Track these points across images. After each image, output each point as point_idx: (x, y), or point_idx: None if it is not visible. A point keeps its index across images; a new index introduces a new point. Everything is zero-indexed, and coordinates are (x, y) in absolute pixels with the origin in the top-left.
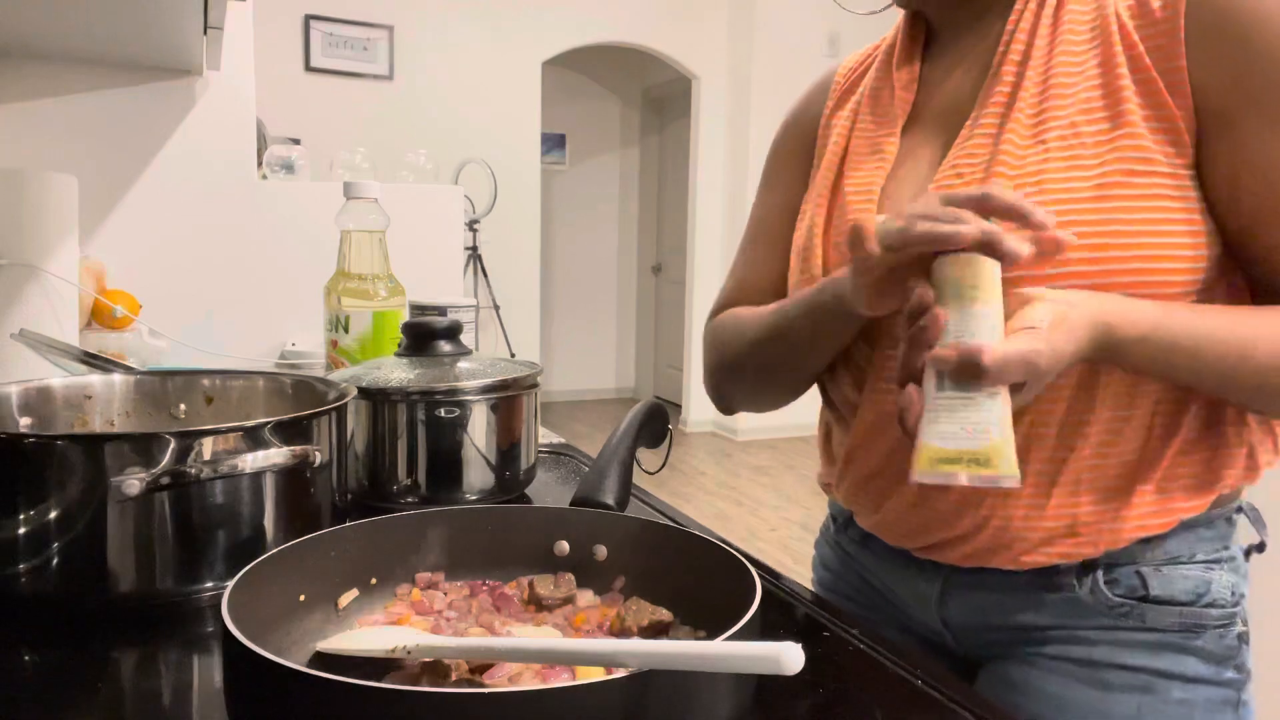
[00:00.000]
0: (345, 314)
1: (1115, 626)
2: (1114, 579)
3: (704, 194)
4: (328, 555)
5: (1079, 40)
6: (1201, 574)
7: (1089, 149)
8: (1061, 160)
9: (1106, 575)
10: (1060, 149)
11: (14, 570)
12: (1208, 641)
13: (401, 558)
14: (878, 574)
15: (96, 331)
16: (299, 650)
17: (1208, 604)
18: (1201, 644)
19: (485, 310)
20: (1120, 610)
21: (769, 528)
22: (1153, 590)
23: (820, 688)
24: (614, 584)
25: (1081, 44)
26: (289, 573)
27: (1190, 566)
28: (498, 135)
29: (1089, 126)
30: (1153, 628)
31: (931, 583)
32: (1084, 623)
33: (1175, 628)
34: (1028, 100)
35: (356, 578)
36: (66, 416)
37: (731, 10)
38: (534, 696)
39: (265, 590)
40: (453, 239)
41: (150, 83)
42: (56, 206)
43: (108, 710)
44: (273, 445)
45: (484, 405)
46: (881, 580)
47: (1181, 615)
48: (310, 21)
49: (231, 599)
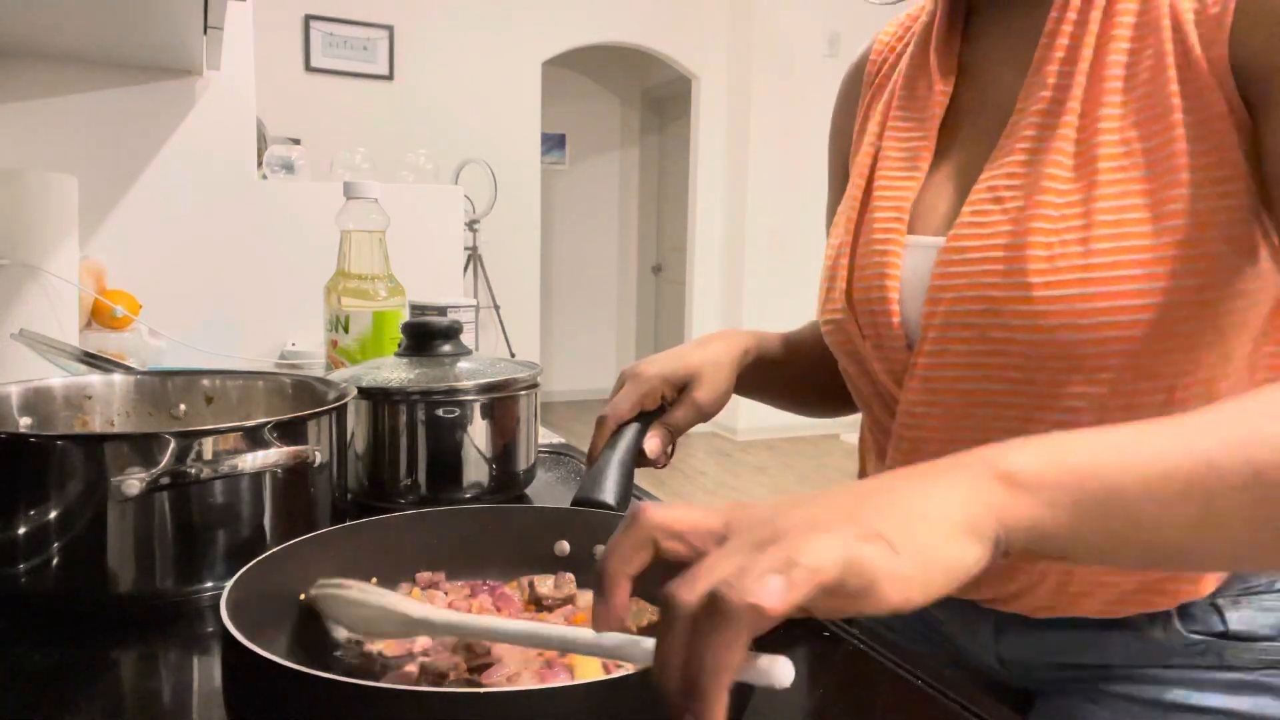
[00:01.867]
0: (345, 314)
1: (1190, 665)
2: (1189, 615)
3: (704, 194)
4: (329, 554)
5: (1127, 37)
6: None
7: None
8: (1112, 186)
9: (1181, 610)
10: (1110, 170)
11: (14, 570)
12: None
13: (402, 557)
14: (930, 607)
15: (96, 331)
16: (299, 649)
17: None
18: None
19: (485, 310)
20: (1196, 649)
21: None
22: (1231, 625)
23: (820, 688)
24: None
25: (1130, 41)
26: (290, 571)
27: (1270, 596)
28: (498, 135)
29: (1140, 144)
30: (1231, 665)
31: (987, 619)
32: (1157, 661)
33: (1256, 665)
34: (1073, 109)
35: (357, 576)
36: (66, 416)
37: (731, 10)
38: (532, 696)
39: (266, 588)
40: (453, 239)
41: (150, 83)
42: (56, 206)
43: (108, 710)
44: (273, 445)
45: (484, 405)
46: (932, 612)
47: (1264, 651)
48: (310, 21)
49: (230, 597)
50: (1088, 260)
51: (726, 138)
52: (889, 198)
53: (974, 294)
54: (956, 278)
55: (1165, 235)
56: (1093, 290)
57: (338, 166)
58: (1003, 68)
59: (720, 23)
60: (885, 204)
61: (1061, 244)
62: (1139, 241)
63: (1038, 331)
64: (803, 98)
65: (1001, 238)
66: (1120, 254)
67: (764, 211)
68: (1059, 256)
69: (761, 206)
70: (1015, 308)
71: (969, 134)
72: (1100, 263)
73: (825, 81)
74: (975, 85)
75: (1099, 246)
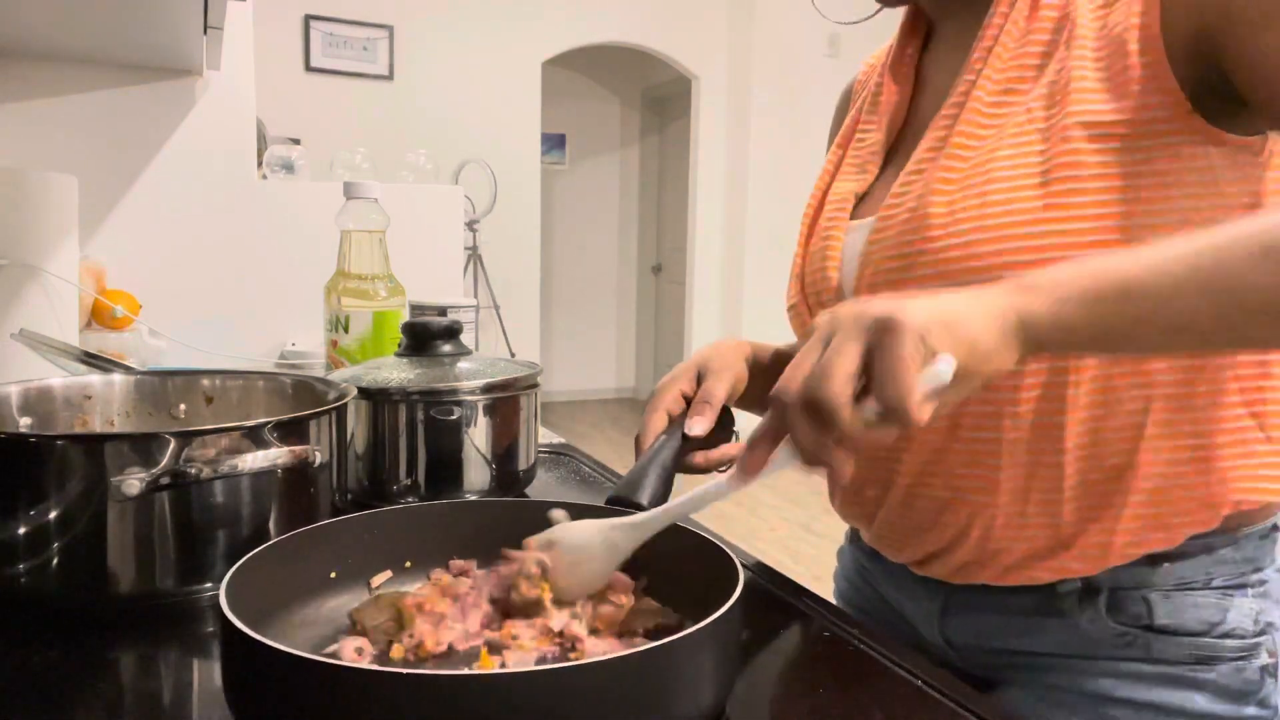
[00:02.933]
0: (345, 314)
1: (1120, 657)
2: (1118, 605)
3: (704, 194)
4: (363, 536)
5: (1049, 24)
6: (1217, 601)
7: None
8: (1010, 149)
9: (1110, 600)
10: (1015, 134)
11: (14, 570)
12: (1222, 675)
13: (437, 544)
14: (888, 588)
15: (96, 331)
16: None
17: (1223, 634)
18: (1214, 678)
19: (485, 310)
20: (1124, 640)
21: (769, 527)
22: (1158, 619)
23: (820, 688)
24: (637, 583)
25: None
26: (321, 549)
27: (1205, 593)
28: (498, 135)
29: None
30: (1159, 659)
31: (934, 600)
32: (1087, 652)
33: (1186, 660)
34: (988, 87)
35: (392, 559)
36: (66, 416)
37: (731, 10)
38: (539, 677)
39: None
40: (453, 239)
41: (150, 83)
42: (56, 206)
43: (108, 710)
44: (272, 445)
45: (484, 405)
46: (892, 595)
47: (1193, 646)
48: (310, 21)
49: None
50: (983, 210)
51: (726, 138)
52: (840, 193)
53: (892, 254)
54: (879, 245)
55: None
56: (989, 235)
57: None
58: (950, 74)
59: (720, 23)
60: (836, 198)
61: (963, 197)
62: (1030, 193)
63: (944, 279)
64: (803, 98)
65: (913, 200)
66: (1014, 204)
67: (764, 212)
68: (959, 210)
69: (761, 206)
70: (924, 259)
71: (916, 131)
72: (995, 212)
73: (825, 81)
74: (929, 91)
75: (994, 199)
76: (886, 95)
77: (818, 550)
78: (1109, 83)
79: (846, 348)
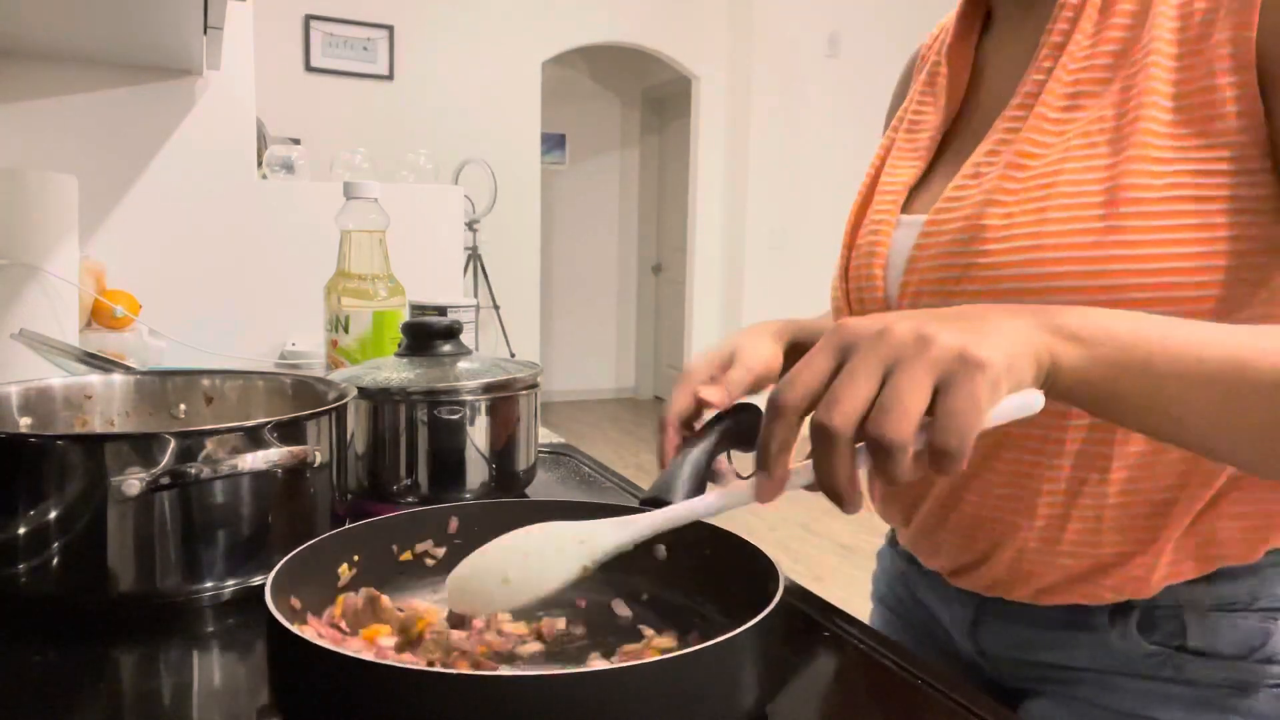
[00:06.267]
0: (345, 314)
1: (1152, 676)
2: (1151, 623)
3: (704, 194)
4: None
5: (1125, 20)
6: (1258, 624)
7: (1107, 148)
8: (1079, 160)
9: (1143, 618)
10: (1082, 146)
11: (14, 570)
12: (1261, 702)
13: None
14: (924, 593)
15: (96, 331)
16: None
17: (1264, 659)
18: (1252, 704)
19: (485, 310)
20: (1156, 659)
21: (768, 527)
22: (1191, 640)
23: (822, 688)
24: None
25: (1126, 24)
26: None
27: (1246, 615)
28: (498, 135)
29: (1113, 122)
30: (1192, 681)
31: (966, 608)
32: (1118, 668)
33: (1220, 684)
34: (1057, 91)
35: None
36: (66, 416)
37: (731, 10)
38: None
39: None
40: (453, 239)
41: (150, 83)
42: (56, 206)
43: (108, 710)
44: (272, 445)
45: (484, 405)
46: (927, 599)
47: (1230, 670)
48: (310, 21)
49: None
50: (1041, 228)
51: (726, 138)
52: (892, 182)
53: (943, 261)
54: (931, 248)
55: (1123, 207)
56: (1045, 255)
57: (338, 166)
58: (1010, 63)
59: (720, 23)
60: (888, 188)
61: (1021, 211)
62: (1091, 213)
63: (995, 296)
64: (803, 98)
65: (970, 207)
66: (1074, 223)
67: (764, 211)
68: (1016, 224)
69: (761, 206)
70: (976, 272)
71: (975, 124)
72: (1054, 230)
73: (825, 81)
74: (986, 80)
75: (1054, 215)
76: (944, 78)
77: (817, 551)
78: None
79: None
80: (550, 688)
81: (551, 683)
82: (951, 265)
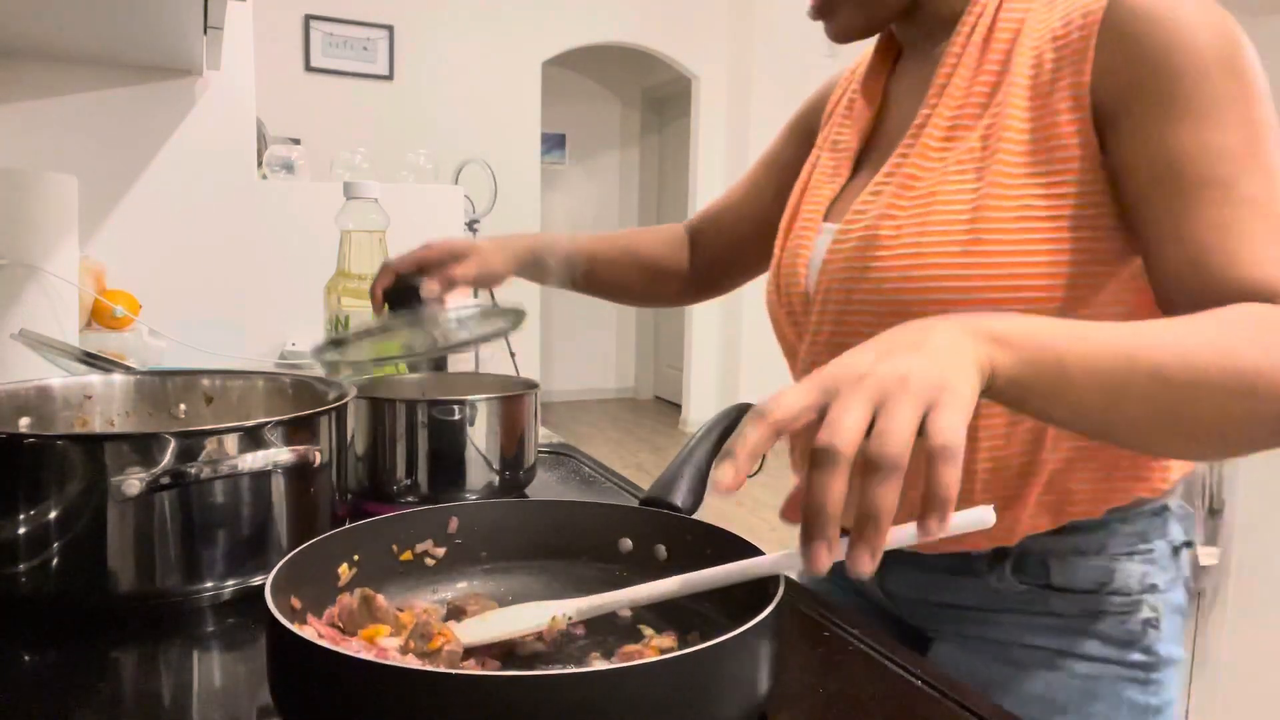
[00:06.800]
0: (345, 314)
1: (1024, 610)
2: (1022, 567)
3: (704, 194)
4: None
5: (997, 63)
6: (1106, 564)
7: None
8: (953, 183)
9: (1015, 563)
10: (955, 172)
11: (14, 570)
12: (1109, 626)
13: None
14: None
15: (96, 331)
16: None
17: (1110, 591)
18: (1102, 627)
19: None
20: (1027, 596)
21: (769, 527)
22: (1054, 579)
23: (820, 688)
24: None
25: (996, 68)
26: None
27: (1096, 558)
28: (498, 135)
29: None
30: (1055, 612)
31: None
32: (997, 605)
33: (1078, 613)
34: (940, 125)
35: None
36: (66, 416)
37: (731, 10)
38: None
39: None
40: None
41: (150, 83)
42: (56, 206)
43: (108, 710)
44: (272, 445)
45: (484, 406)
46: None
47: (1084, 602)
48: (310, 21)
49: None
50: (922, 238)
51: (726, 138)
52: (815, 197)
53: (847, 263)
54: (839, 252)
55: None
56: (924, 261)
57: (338, 166)
58: (910, 97)
59: (720, 23)
60: (813, 199)
61: (908, 224)
62: (960, 228)
63: (884, 294)
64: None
65: (870, 219)
66: (947, 235)
67: None
68: (903, 234)
69: None
70: (871, 274)
71: (883, 146)
72: (931, 240)
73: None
74: (892, 109)
75: (932, 228)
76: (860, 106)
77: None
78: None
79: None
80: (550, 688)
81: (551, 683)
82: (853, 267)
